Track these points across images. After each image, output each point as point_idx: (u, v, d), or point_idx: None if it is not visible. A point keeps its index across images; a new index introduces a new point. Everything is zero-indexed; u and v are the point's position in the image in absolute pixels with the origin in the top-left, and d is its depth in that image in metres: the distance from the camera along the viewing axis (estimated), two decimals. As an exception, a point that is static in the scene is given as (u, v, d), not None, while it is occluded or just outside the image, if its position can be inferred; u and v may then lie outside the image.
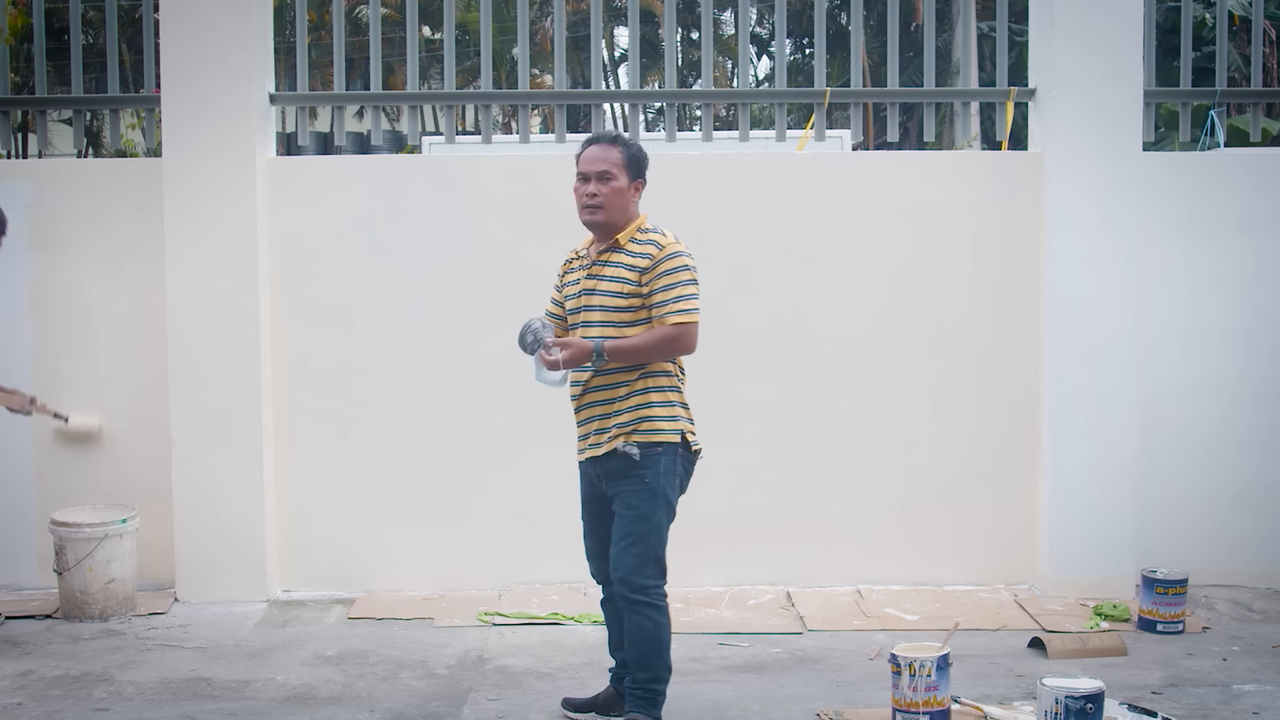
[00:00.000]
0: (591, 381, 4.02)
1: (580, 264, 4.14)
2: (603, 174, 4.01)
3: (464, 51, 23.35)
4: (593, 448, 4.05)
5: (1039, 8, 5.91)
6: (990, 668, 4.82)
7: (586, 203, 4.03)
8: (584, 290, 4.09)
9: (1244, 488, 5.96)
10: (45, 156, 8.01)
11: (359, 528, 5.88)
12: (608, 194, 4.00)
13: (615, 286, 4.01)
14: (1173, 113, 13.44)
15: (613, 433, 3.99)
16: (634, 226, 4.05)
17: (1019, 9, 7.63)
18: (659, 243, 4.00)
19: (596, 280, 4.05)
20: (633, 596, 3.96)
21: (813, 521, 5.90)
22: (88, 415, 5.84)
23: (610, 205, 4.01)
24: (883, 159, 6.56)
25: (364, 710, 4.44)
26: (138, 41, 7.60)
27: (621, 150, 4.05)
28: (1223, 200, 5.95)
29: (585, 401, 4.06)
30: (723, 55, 25.41)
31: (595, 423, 4.03)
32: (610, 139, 4.10)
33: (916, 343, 5.92)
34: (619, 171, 4.02)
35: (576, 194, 4.06)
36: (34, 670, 4.85)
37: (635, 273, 3.98)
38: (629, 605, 3.99)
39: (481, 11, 6.16)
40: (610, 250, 4.04)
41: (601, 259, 4.05)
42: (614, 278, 4.01)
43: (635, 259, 3.99)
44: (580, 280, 4.11)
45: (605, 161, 4.02)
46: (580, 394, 4.07)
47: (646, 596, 3.97)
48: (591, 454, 4.06)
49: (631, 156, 4.06)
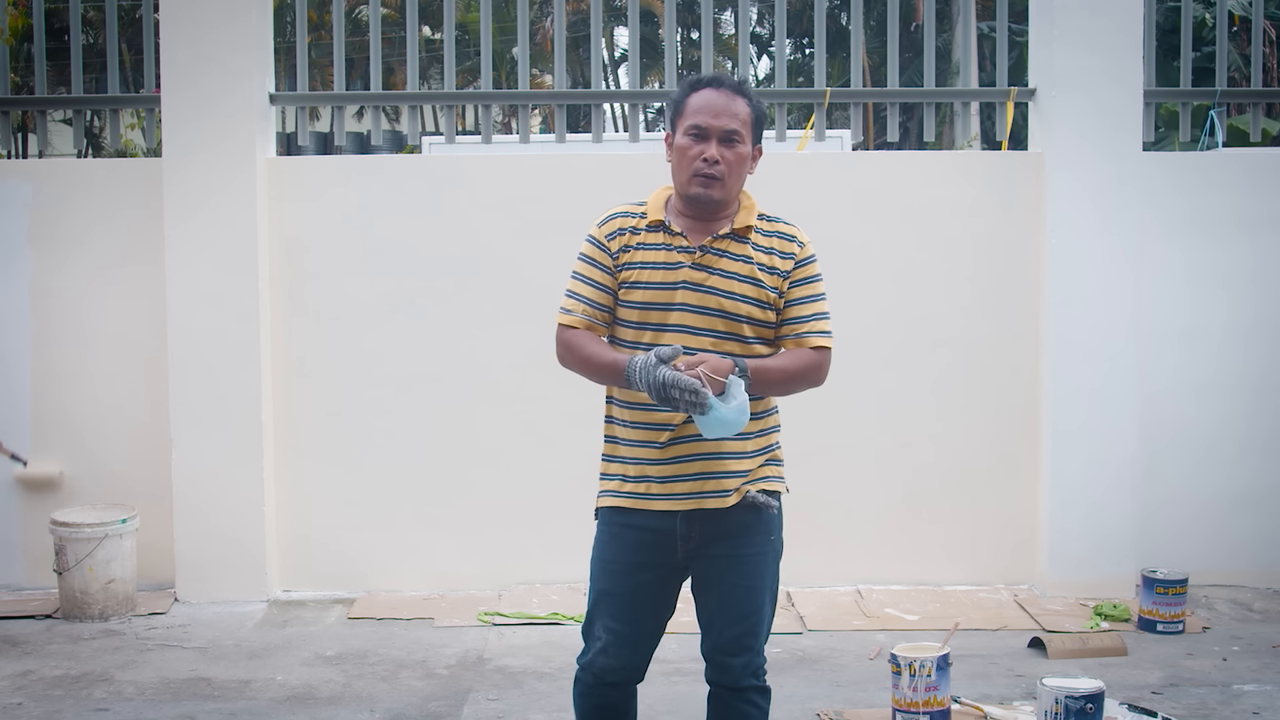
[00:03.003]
0: None
1: (656, 241, 3.06)
2: (730, 134, 3.00)
3: (464, 51, 23.35)
4: (701, 497, 3.02)
5: (1039, 8, 5.91)
6: (990, 668, 4.82)
7: (703, 170, 2.99)
8: (684, 283, 3.02)
9: (1244, 488, 5.96)
10: (45, 156, 8.00)
11: (359, 527, 5.88)
12: (734, 162, 3.01)
13: (745, 289, 3.02)
14: (1173, 113, 13.44)
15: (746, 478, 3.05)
16: (750, 207, 3.10)
17: (1019, 9, 7.63)
18: (797, 237, 3.12)
19: (708, 273, 3.02)
20: (748, 684, 3.11)
21: (813, 521, 5.89)
22: (48, 463, 5.84)
23: (733, 178, 3.03)
24: (883, 159, 6.56)
25: (364, 710, 4.44)
26: (138, 41, 7.62)
27: (750, 105, 3.06)
28: (1223, 200, 5.95)
29: (690, 434, 2.99)
30: (723, 55, 25.40)
31: (701, 463, 3.01)
32: (734, 85, 3.05)
33: (916, 342, 5.92)
34: (746, 133, 3.03)
35: (683, 154, 3.02)
36: (34, 670, 4.86)
37: (773, 275, 3.05)
38: (739, 695, 3.11)
39: (481, 11, 6.16)
40: (732, 238, 3.05)
41: (718, 247, 3.04)
42: (743, 276, 3.02)
43: (769, 255, 3.06)
44: (675, 267, 3.03)
45: (734, 117, 3.01)
46: (683, 423, 2.99)
47: (762, 681, 3.15)
48: (698, 505, 3.02)
49: (759, 114, 3.09)
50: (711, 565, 3.07)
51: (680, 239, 3.05)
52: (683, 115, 3.05)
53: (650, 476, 3.05)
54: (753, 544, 3.07)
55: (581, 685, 3.21)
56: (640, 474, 3.07)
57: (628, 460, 3.09)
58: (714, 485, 3.02)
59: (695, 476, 3.02)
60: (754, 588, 3.08)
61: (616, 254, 3.08)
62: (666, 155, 3.13)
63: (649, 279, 3.04)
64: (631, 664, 3.14)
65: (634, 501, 3.07)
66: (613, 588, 3.11)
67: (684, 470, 3.02)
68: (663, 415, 2.99)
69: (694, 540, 3.06)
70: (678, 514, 3.04)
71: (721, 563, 3.06)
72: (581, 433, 4.60)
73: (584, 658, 3.20)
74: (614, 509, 3.11)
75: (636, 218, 3.11)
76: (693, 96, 3.04)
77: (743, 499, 3.03)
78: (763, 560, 3.09)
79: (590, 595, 3.18)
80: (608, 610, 3.11)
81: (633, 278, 3.06)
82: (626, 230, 3.09)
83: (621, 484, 3.10)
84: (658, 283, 3.03)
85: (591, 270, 3.10)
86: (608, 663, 3.13)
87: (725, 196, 3.05)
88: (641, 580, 3.09)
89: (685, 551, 3.07)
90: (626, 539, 3.09)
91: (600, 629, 3.12)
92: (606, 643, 3.11)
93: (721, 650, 3.10)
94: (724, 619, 3.09)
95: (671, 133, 3.10)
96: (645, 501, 3.06)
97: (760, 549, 3.08)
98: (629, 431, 3.09)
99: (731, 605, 3.07)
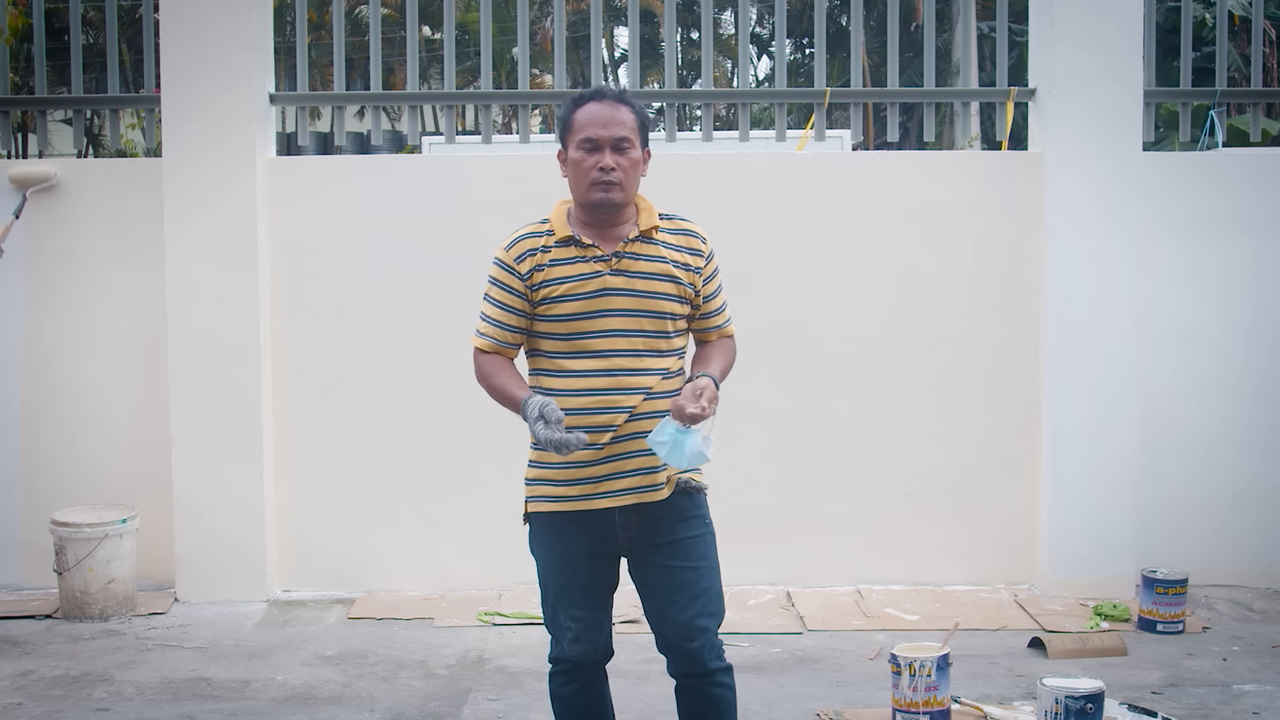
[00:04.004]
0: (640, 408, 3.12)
1: (569, 255, 3.17)
2: (620, 141, 3.15)
3: (464, 51, 23.36)
4: (638, 492, 3.15)
5: (1039, 8, 5.91)
6: (990, 668, 4.81)
7: (600, 178, 3.13)
8: (605, 290, 3.14)
9: (1244, 488, 5.96)
10: (45, 156, 8.00)
11: (359, 527, 5.88)
12: (627, 167, 3.15)
13: (664, 287, 3.16)
14: (1173, 113, 13.44)
15: (671, 471, 3.17)
16: (648, 209, 3.24)
17: (1019, 9, 7.62)
18: (697, 232, 3.27)
19: (626, 277, 3.15)
20: (714, 664, 3.19)
21: (813, 521, 5.90)
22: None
23: (629, 182, 3.17)
24: (883, 159, 6.56)
25: (364, 710, 4.44)
26: (138, 41, 7.61)
27: (634, 112, 3.20)
28: (1223, 200, 5.95)
29: (625, 434, 3.12)
30: (723, 55, 25.41)
31: (638, 460, 3.13)
32: (615, 96, 3.21)
33: (917, 342, 5.91)
34: (635, 139, 3.18)
35: (578, 167, 3.16)
36: (34, 670, 4.86)
37: (686, 271, 3.20)
38: (707, 678, 3.19)
39: (481, 11, 6.16)
40: (641, 240, 3.18)
41: (631, 250, 3.16)
42: (660, 275, 3.16)
43: (678, 253, 3.20)
44: (593, 276, 3.14)
45: (621, 125, 3.15)
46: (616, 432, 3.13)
47: (724, 661, 3.22)
48: (634, 499, 3.15)
49: (643, 119, 3.23)
50: (654, 553, 3.19)
51: (593, 249, 3.16)
52: (572, 131, 3.18)
53: (587, 478, 3.15)
54: (690, 527, 3.19)
55: (560, 677, 3.31)
56: (575, 477, 3.16)
57: (562, 465, 3.17)
58: (648, 480, 3.15)
59: (633, 473, 3.14)
60: (699, 568, 3.19)
61: (528, 275, 3.18)
62: (561, 172, 3.25)
63: (569, 291, 3.14)
64: (602, 642, 3.28)
65: (571, 504, 3.18)
66: (570, 581, 3.23)
67: (622, 468, 3.14)
68: (604, 418, 3.11)
69: (633, 529, 3.17)
70: (615, 508, 3.16)
71: (664, 549, 3.18)
72: (581, 433, 4.60)
73: (556, 650, 3.30)
74: (550, 514, 3.22)
75: (544, 236, 3.21)
76: (579, 112, 3.18)
77: (676, 485, 3.17)
78: (703, 541, 3.21)
79: (546, 592, 3.28)
80: (570, 602, 3.23)
81: (553, 293, 3.15)
82: (536, 250, 3.19)
83: (554, 488, 3.20)
84: (579, 294, 3.14)
85: (501, 294, 3.22)
86: (581, 649, 3.24)
87: (625, 199, 3.18)
88: (594, 567, 3.23)
89: (626, 540, 3.19)
90: (571, 536, 3.21)
91: (567, 619, 3.23)
92: (577, 631, 3.23)
93: (680, 636, 3.17)
94: (676, 603, 3.17)
95: (564, 150, 3.23)
96: (584, 503, 3.17)
97: (699, 531, 3.21)
98: None
99: (681, 588, 3.17)
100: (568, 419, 3.09)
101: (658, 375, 3.15)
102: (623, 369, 3.12)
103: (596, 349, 3.13)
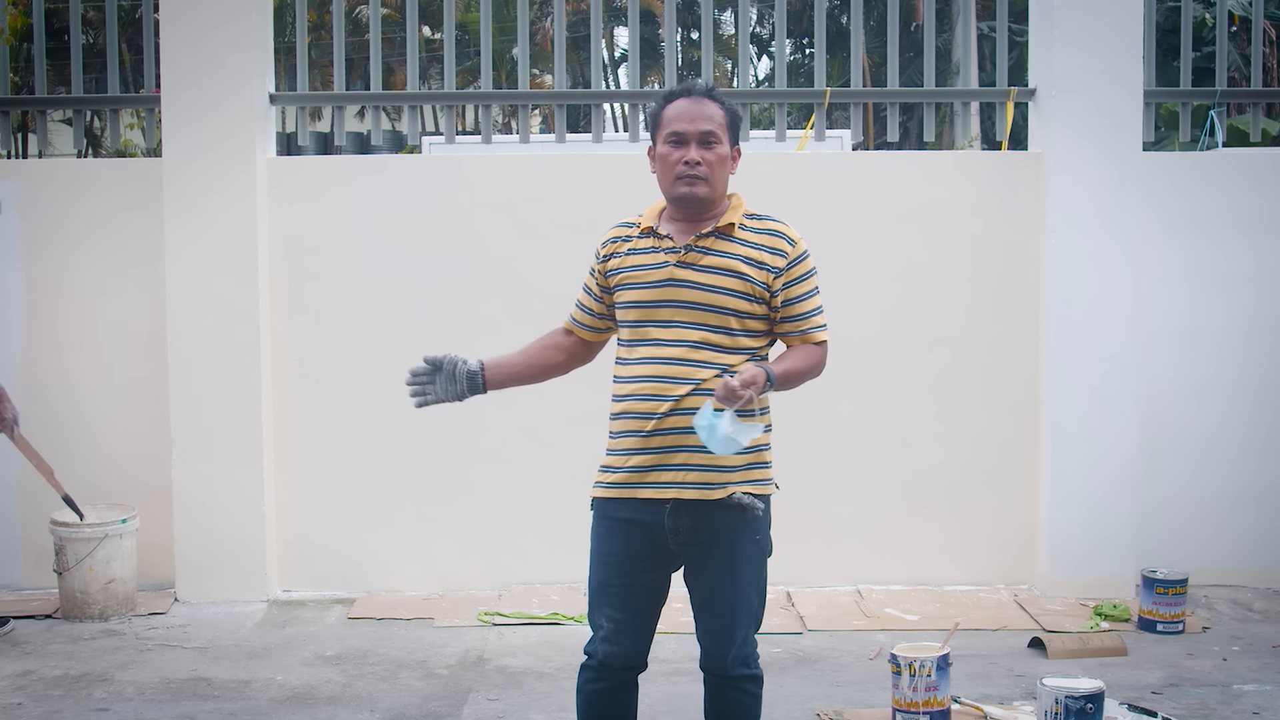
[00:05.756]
0: (685, 401, 3.08)
1: (646, 246, 3.21)
2: (707, 136, 3.14)
3: (464, 51, 23.36)
4: (684, 488, 3.10)
5: (1039, 8, 5.91)
6: (990, 668, 4.82)
7: (686, 172, 3.13)
8: (670, 280, 3.15)
9: (1244, 488, 5.96)
10: (45, 156, 8.00)
11: (359, 528, 5.88)
12: (714, 162, 3.15)
13: (730, 283, 3.12)
14: (1173, 113, 13.44)
15: (734, 477, 3.12)
16: (737, 206, 3.23)
17: (1019, 9, 7.63)
18: (788, 235, 3.21)
19: (692, 270, 3.14)
20: (741, 672, 3.23)
21: (813, 521, 5.89)
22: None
23: (716, 177, 3.16)
24: (883, 159, 6.56)
25: (364, 710, 4.44)
26: (138, 41, 7.61)
27: (723, 108, 3.19)
28: (1223, 200, 5.95)
29: (673, 426, 3.09)
30: (723, 55, 25.41)
31: (684, 454, 3.09)
32: (705, 91, 3.20)
33: (917, 343, 5.92)
34: (723, 135, 3.17)
35: (665, 161, 3.17)
36: (34, 670, 4.86)
37: (761, 270, 3.15)
38: (730, 683, 3.22)
39: (481, 11, 6.16)
40: (716, 235, 3.16)
41: (702, 245, 3.16)
42: (727, 270, 3.13)
43: (757, 251, 3.16)
44: (660, 267, 3.17)
45: (709, 120, 3.15)
46: (666, 414, 3.10)
47: (753, 669, 3.26)
48: (680, 495, 3.10)
49: (734, 116, 3.22)
50: (696, 561, 3.19)
51: (667, 240, 3.20)
52: (661, 126, 3.21)
53: (634, 466, 3.14)
54: (737, 542, 3.17)
55: (588, 672, 3.30)
56: (624, 464, 3.16)
57: (615, 452, 3.19)
58: (696, 477, 3.10)
59: (679, 467, 3.11)
60: (735, 584, 3.17)
61: (605, 260, 3.29)
62: (651, 168, 3.27)
63: (636, 279, 3.20)
64: (633, 649, 3.24)
65: (619, 491, 3.17)
66: (611, 579, 3.21)
67: (667, 460, 3.11)
68: (647, 405, 3.11)
69: (682, 536, 3.14)
70: (665, 507, 3.12)
71: (705, 559, 3.17)
72: (581, 432, 4.61)
73: (590, 645, 3.30)
74: (604, 500, 3.22)
75: (631, 228, 3.29)
76: (668, 108, 3.20)
77: (728, 498, 3.11)
78: (745, 557, 3.18)
79: (590, 585, 3.28)
80: (608, 600, 3.21)
81: (622, 280, 3.24)
82: (619, 239, 3.29)
83: (609, 474, 3.20)
84: (643, 282, 3.19)
85: (586, 277, 3.39)
86: (611, 649, 3.22)
87: (710, 194, 3.18)
88: (637, 572, 3.19)
89: (677, 545, 3.16)
90: (620, 532, 3.19)
91: (602, 617, 3.23)
92: (609, 631, 3.21)
93: (709, 641, 3.22)
94: (709, 611, 3.21)
95: (653, 145, 3.25)
96: (630, 490, 3.15)
97: (744, 547, 3.18)
98: (617, 423, 3.21)
99: (714, 599, 3.19)
100: (621, 404, 3.19)
101: (714, 371, 3.10)
102: (676, 359, 3.12)
103: (657, 338, 3.15)
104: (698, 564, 3.19)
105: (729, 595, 3.18)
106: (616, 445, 3.19)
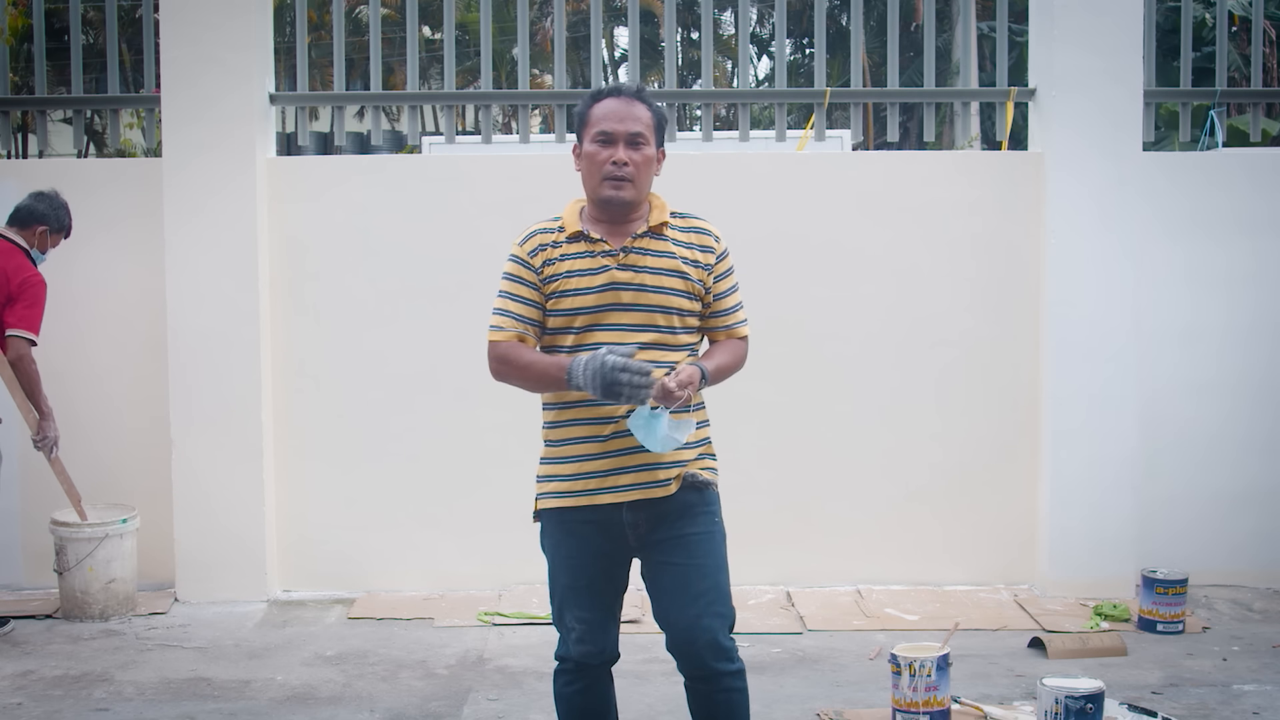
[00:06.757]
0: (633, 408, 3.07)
1: (579, 250, 3.18)
2: (635, 137, 3.14)
3: (464, 51, 23.36)
4: (644, 488, 3.12)
5: (1039, 8, 5.91)
6: (990, 668, 4.82)
7: (614, 173, 3.13)
8: (612, 284, 3.13)
9: (1244, 488, 5.96)
10: (45, 156, 8.00)
11: (359, 528, 5.88)
12: (640, 163, 3.15)
13: (672, 282, 3.15)
14: (1173, 113, 13.45)
15: (684, 468, 3.15)
16: (661, 206, 3.24)
17: (1019, 9, 7.63)
18: (712, 231, 3.25)
19: (633, 272, 3.14)
20: (722, 667, 3.12)
21: (813, 521, 5.90)
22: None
23: (642, 179, 3.16)
24: (883, 159, 6.56)
25: (364, 710, 4.44)
26: (138, 41, 7.62)
27: (650, 110, 3.19)
28: (1223, 200, 5.95)
29: (626, 429, 3.09)
30: (723, 55, 25.42)
31: (643, 455, 3.11)
32: (634, 92, 3.20)
33: (917, 342, 5.92)
34: (650, 136, 3.17)
35: (592, 160, 3.17)
36: (34, 670, 4.86)
37: (696, 269, 3.19)
38: (715, 679, 3.13)
39: (481, 11, 6.17)
40: (650, 235, 3.18)
41: (639, 245, 3.17)
42: (669, 270, 3.15)
43: (690, 250, 3.20)
44: (601, 271, 3.14)
45: (637, 121, 3.15)
46: (623, 416, 3.09)
47: (735, 663, 3.15)
48: (642, 495, 3.12)
49: (660, 118, 3.22)
50: (659, 550, 3.16)
51: (601, 244, 3.17)
52: (588, 125, 3.19)
53: (591, 473, 3.13)
54: (697, 524, 3.16)
55: (564, 676, 3.30)
56: (579, 471, 3.14)
57: (567, 459, 3.16)
58: (651, 476, 3.13)
59: (637, 468, 3.12)
60: (705, 565, 3.15)
61: (540, 268, 3.18)
62: (575, 165, 3.26)
63: (576, 286, 3.14)
64: (606, 644, 3.25)
65: (577, 500, 3.15)
66: (576, 581, 3.21)
67: (626, 463, 3.12)
68: (604, 409, 3.09)
69: (642, 527, 3.15)
70: (622, 505, 3.13)
71: (669, 545, 3.15)
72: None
73: (561, 649, 3.29)
74: (559, 510, 3.19)
75: (555, 232, 3.22)
76: (596, 106, 3.19)
77: (684, 479, 3.14)
78: (710, 539, 3.17)
79: (554, 590, 3.27)
80: (576, 602, 3.22)
81: (560, 287, 3.15)
82: (547, 245, 3.19)
83: (561, 484, 3.17)
84: (585, 288, 3.13)
85: (518, 287, 3.19)
86: (586, 649, 3.23)
87: (636, 197, 3.17)
88: (600, 570, 3.20)
89: (636, 538, 3.17)
90: (579, 533, 3.18)
91: (572, 620, 3.23)
92: (581, 632, 3.22)
93: (684, 637, 3.13)
94: (680, 601, 3.13)
95: (579, 144, 3.23)
96: (589, 498, 3.14)
97: (706, 528, 3.17)
98: (565, 431, 3.16)
99: (684, 585, 3.13)
100: (571, 411, 3.13)
101: (663, 370, 3.08)
102: None
103: (604, 342, 3.09)
104: (658, 555, 3.16)
105: (699, 579, 3.13)
106: (566, 452, 3.15)
